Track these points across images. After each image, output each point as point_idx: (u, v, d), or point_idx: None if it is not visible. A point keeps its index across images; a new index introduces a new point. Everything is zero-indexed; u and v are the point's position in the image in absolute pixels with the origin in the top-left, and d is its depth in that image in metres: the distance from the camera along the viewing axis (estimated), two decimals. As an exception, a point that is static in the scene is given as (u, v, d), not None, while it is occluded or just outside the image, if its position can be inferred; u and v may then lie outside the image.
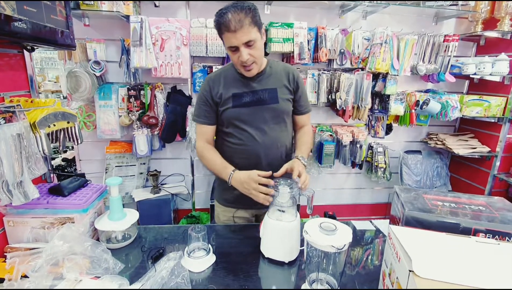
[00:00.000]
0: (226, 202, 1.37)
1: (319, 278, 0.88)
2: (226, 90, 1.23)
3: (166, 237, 1.19)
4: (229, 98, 1.22)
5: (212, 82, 1.25)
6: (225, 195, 1.36)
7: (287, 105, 1.29)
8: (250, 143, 1.24)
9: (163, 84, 2.11)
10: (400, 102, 2.30)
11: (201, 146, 1.29)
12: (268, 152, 1.24)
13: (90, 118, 2.07)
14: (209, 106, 1.25)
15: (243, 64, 1.13)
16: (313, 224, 0.86)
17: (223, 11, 1.06)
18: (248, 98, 1.23)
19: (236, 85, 1.24)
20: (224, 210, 1.39)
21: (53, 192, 1.06)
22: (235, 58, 1.13)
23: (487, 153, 2.34)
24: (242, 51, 1.08)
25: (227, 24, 1.04)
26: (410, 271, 0.63)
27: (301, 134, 1.38)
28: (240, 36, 1.05)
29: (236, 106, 1.22)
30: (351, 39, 2.17)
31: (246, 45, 1.08)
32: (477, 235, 0.81)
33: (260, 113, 1.24)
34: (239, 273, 0.99)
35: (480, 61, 2.20)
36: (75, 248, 0.91)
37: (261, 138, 1.25)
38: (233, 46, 1.09)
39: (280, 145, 1.29)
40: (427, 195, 0.97)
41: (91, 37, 1.97)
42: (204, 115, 1.27)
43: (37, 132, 0.93)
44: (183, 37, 1.95)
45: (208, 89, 1.25)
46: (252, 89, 1.23)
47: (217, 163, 1.23)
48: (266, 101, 1.24)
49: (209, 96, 1.24)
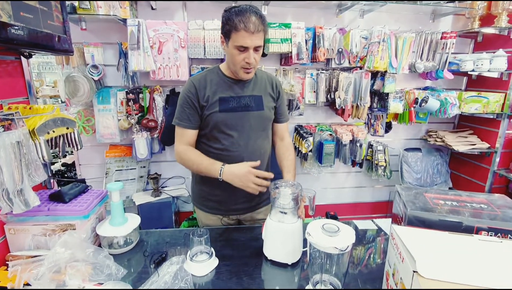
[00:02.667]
0: (208, 208, 1.35)
1: (323, 279, 0.88)
2: (213, 94, 1.20)
3: (168, 241, 1.19)
4: (216, 102, 1.20)
5: (198, 84, 1.21)
6: (207, 201, 1.34)
7: (271, 113, 1.30)
8: (235, 149, 1.23)
9: (162, 86, 2.11)
10: (399, 100, 2.30)
11: (183, 148, 1.23)
12: (252, 158, 1.20)
13: (89, 122, 2.06)
14: (194, 109, 1.20)
15: (245, 66, 1.14)
16: (315, 225, 0.86)
17: (241, 10, 1.07)
18: (234, 103, 1.22)
19: (222, 89, 1.22)
20: (206, 217, 1.36)
21: (53, 199, 1.06)
22: (239, 58, 1.12)
23: (487, 150, 2.34)
24: (250, 54, 1.11)
25: (247, 24, 1.05)
26: (414, 271, 0.62)
27: (284, 150, 1.35)
28: (255, 39, 1.08)
29: (223, 111, 1.20)
30: (349, 38, 2.17)
31: (254, 49, 1.11)
32: (479, 233, 0.81)
33: (246, 119, 1.23)
34: (242, 275, 0.99)
35: (478, 57, 2.20)
36: (77, 254, 0.91)
37: (246, 144, 1.24)
38: (244, 47, 1.10)
39: (263, 151, 1.30)
40: (428, 194, 0.97)
41: (89, 41, 1.97)
42: (187, 119, 1.21)
43: (37, 139, 0.93)
44: (181, 40, 1.94)
45: (194, 91, 1.20)
46: (238, 94, 1.23)
47: (203, 161, 1.19)
48: (252, 108, 1.24)
49: (195, 98, 1.20)
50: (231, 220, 1.37)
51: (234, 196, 1.27)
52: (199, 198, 1.37)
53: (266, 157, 1.33)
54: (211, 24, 1.96)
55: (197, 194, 1.38)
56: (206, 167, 1.18)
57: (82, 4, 1.70)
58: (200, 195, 1.37)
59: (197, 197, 1.39)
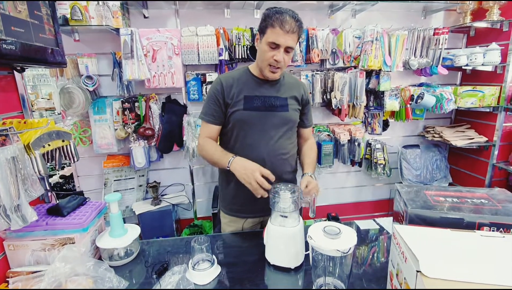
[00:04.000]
0: (233, 211, 1.36)
1: (327, 282, 0.87)
2: (239, 92, 1.23)
3: (169, 250, 1.18)
4: (241, 100, 1.22)
5: (225, 82, 1.24)
6: (232, 204, 1.35)
7: (295, 115, 1.31)
8: (256, 148, 1.24)
9: (157, 94, 2.11)
10: (395, 97, 2.31)
11: (203, 140, 1.26)
12: (272, 159, 1.23)
13: (85, 133, 2.05)
14: (219, 105, 1.24)
15: (273, 63, 1.16)
16: (316, 228, 0.85)
17: (281, 10, 1.12)
18: (259, 102, 1.23)
19: (248, 88, 1.24)
20: (231, 220, 1.37)
21: (52, 213, 1.04)
22: (269, 54, 1.14)
23: (485, 143, 2.34)
24: (281, 52, 1.13)
25: (284, 23, 1.09)
26: (418, 271, 0.62)
27: (307, 149, 1.39)
28: (288, 38, 1.11)
29: (247, 109, 1.22)
30: (342, 38, 2.17)
31: (285, 50, 1.14)
32: (481, 229, 0.81)
33: (270, 119, 1.24)
34: (245, 282, 0.98)
35: (471, 52, 2.21)
36: (77, 268, 0.89)
37: (267, 143, 1.25)
38: (276, 44, 1.12)
39: (285, 152, 1.29)
40: (428, 191, 0.97)
41: (82, 52, 1.96)
42: (211, 114, 1.25)
43: (32, 154, 0.92)
44: (175, 47, 1.95)
45: (220, 88, 1.23)
46: (264, 94, 1.24)
47: (217, 151, 1.22)
48: (276, 108, 1.25)
49: (220, 96, 1.23)
50: (254, 223, 1.37)
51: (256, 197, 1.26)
52: (224, 202, 1.39)
53: (289, 159, 1.33)
54: (204, 30, 1.97)
55: (222, 198, 1.41)
56: (219, 157, 1.20)
57: (74, 16, 1.70)
58: (225, 198, 1.39)
59: (223, 201, 1.41)
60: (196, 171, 2.38)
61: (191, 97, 2.12)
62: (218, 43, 1.99)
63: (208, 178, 2.43)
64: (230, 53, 2.04)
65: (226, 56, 2.02)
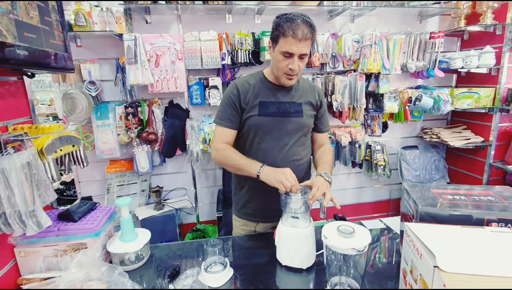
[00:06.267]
0: (246, 215, 1.36)
1: (341, 282, 0.88)
2: (254, 97, 1.22)
3: (180, 254, 1.18)
4: (256, 105, 1.22)
5: (241, 87, 1.23)
6: (246, 208, 1.35)
7: (310, 120, 1.30)
8: (270, 153, 1.24)
9: (160, 99, 2.11)
10: (393, 100, 2.35)
11: (222, 146, 1.22)
12: (286, 165, 1.18)
13: (88, 139, 2.04)
14: (236, 110, 1.23)
15: (288, 72, 1.15)
16: (330, 228, 0.86)
17: (292, 17, 1.08)
18: (274, 108, 1.23)
19: (263, 94, 1.23)
20: (243, 224, 1.37)
21: (63, 218, 1.04)
22: (283, 64, 1.13)
23: (481, 143, 2.40)
24: (295, 60, 1.12)
25: (295, 31, 1.06)
26: (435, 267, 0.64)
27: (322, 152, 1.35)
28: (301, 46, 1.09)
29: (262, 115, 1.21)
30: (342, 43, 2.22)
31: (299, 57, 1.12)
32: (490, 225, 0.83)
33: (284, 124, 1.24)
34: (258, 284, 0.98)
35: (466, 54, 2.27)
36: (92, 274, 0.89)
37: (281, 149, 1.24)
38: (290, 53, 1.10)
39: (298, 158, 1.29)
40: (435, 190, 0.99)
41: (84, 57, 1.97)
42: (228, 119, 1.23)
43: (45, 159, 0.92)
44: (178, 52, 1.96)
45: (237, 93, 1.22)
46: (279, 100, 1.24)
47: (243, 158, 1.19)
48: (291, 114, 1.24)
49: (237, 100, 1.22)
50: (267, 228, 1.37)
51: (270, 203, 1.25)
52: (238, 206, 1.39)
53: (302, 165, 1.32)
54: (206, 35, 1.99)
55: (236, 202, 1.40)
56: (246, 164, 1.17)
57: (78, 22, 1.70)
58: (238, 202, 1.38)
59: (236, 205, 1.41)
60: (199, 175, 2.38)
61: (194, 101, 2.13)
62: (221, 47, 2.01)
63: (210, 182, 2.43)
64: (233, 58, 2.06)
65: (228, 61, 2.04)
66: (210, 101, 2.09)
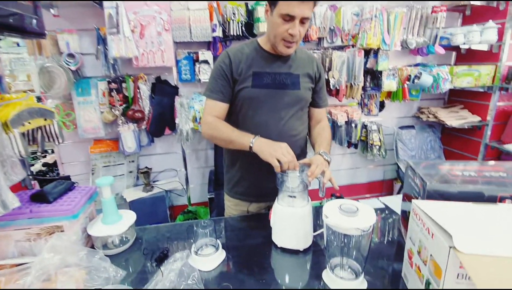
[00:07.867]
0: (238, 194, 1.28)
1: (342, 263, 0.82)
2: (247, 67, 1.11)
3: (168, 236, 1.10)
4: (249, 76, 1.11)
5: (234, 56, 1.12)
6: (238, 187, 1.27)
7: (307, 93, 1.21)
8: (265, 128, 1.14)
9: (146, 74, 1.97)
10: (392, 77, 2.26)
11: (213, 119, 1.13)
12: (282, 140, 1.09)
13: (69, 116, 1.91)
14: (227, 81, 1.12)
15: (288, 38, 1.03)
16: (332, 206, 0.79)
17: None
18: (269, 79, 1.12)
19: (258, 64, 1.13)
20: (235, 204, 1.29)
21: (36, 199, 0.94)
22: (283, 28, 1.02)
23: (478, 123, 2.36)
24: (296, 24, 1.00)
25: None
26: (451, 247, 0.57)
27: (320, 129, 1.27)
28: (304, 8, 0.98)
29: (256, 86, 1.11)
30: (340, 15, 2.09)
31: (301, 21, 1.00)
32: (503, 202, 0.78)
33: (280, 97, 1.14)
34: (252, 266, 0.92)
35: (469, 30, 2.18)
36: (68, 259, 0.81)
37: (277, 123, 1.15)
38: (291, 16, 0.99)
39: (295, 133, 1.20)
40: (442, 166, 0.93)
41: (62, 27, 1.80)
42: (219, 91, 1.12)
43: (11, 132, 0.81)
44: (164, 22, 1.81)
45: (228, 62, 1.11)
46: (274, 71, 1.13)
47: (235, 131, 1.10)
48: (287, 86, 1.14)
49: (228, 70, 1.11)
50: (260, 208, 1.30)
51: (264, 181, 1.19)
52: (230, 185, 1.31)
53: (299, 140, 1.23)
54: (195, 4, 1.83)
55: (228, 180, 1.32)
56: (238, 135, 1.08)
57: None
58: (230, 181, 1.30)
59: (227, 184, 1.32)
60: (190, 155, 2.29)
61: (183, 77, 2.00)
62: (211, 18, 1.86)
63: (202, 163, 2.34)
64: (224, 30, 1.92)
65: (220, 33, 1.90)
66: (200, 77, 1.97)
